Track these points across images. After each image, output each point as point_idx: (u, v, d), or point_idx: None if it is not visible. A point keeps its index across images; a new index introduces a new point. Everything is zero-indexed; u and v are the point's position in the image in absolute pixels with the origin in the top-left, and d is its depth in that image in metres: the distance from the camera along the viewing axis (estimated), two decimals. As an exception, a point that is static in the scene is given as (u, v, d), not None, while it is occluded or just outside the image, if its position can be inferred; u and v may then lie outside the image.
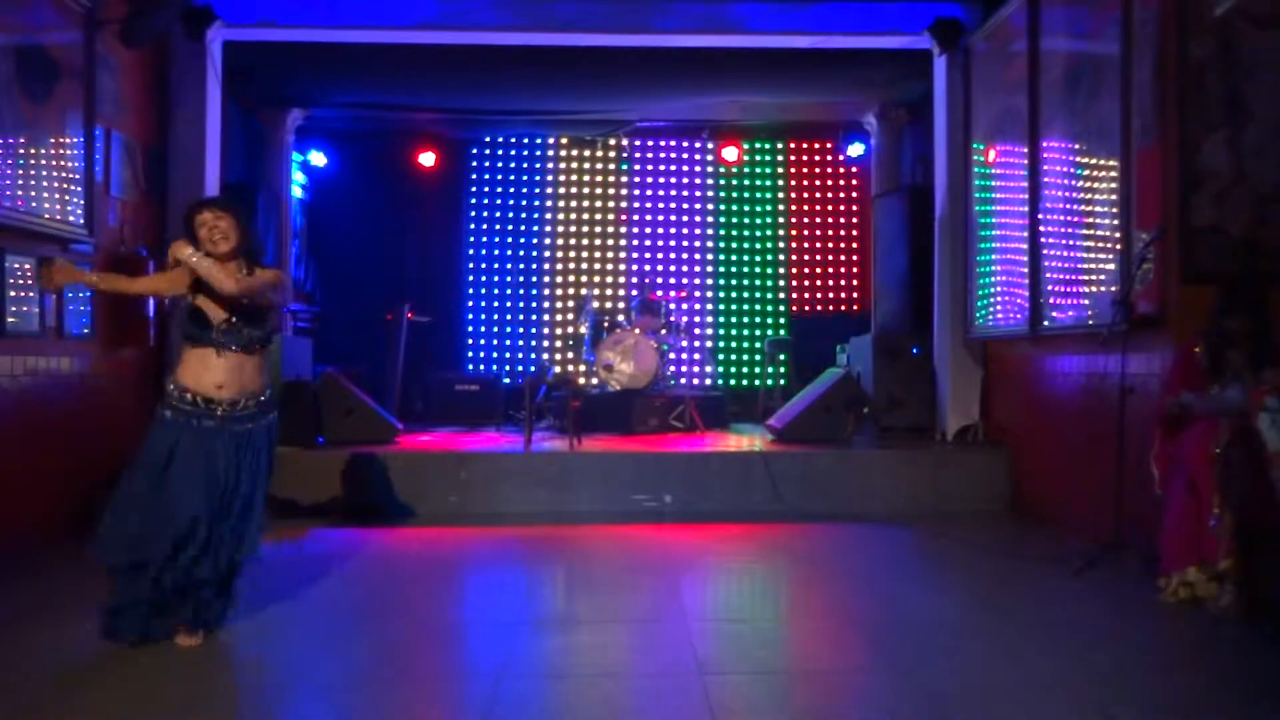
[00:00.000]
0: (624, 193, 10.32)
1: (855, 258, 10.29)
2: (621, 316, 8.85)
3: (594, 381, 8.37)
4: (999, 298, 6.50)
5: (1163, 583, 4.04)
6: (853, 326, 9.01)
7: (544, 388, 7.99)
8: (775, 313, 10.35)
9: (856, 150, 9.81)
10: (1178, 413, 4.11)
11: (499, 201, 10.27)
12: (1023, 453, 6.26)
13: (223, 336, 3.50)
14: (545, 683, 3.19)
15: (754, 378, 10.14)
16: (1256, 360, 3.91)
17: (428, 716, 2.97)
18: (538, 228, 10.27)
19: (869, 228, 9.44)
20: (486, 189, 10.27)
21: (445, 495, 6.21)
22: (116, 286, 3.87)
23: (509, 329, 10.25)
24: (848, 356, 8.32)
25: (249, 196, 7.62)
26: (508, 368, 10.15)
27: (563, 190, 10.31)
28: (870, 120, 9.39)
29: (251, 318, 3.55)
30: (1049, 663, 3.28)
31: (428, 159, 9.90)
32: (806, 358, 9.22)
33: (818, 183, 10.40)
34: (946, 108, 7.18)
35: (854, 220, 10.33)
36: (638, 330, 8.16)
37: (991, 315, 6.62)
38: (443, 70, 7.90)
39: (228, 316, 3.51)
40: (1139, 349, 4.75)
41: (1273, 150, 4.45)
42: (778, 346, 9.60)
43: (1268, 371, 3.79)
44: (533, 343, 10.24)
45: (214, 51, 6.85)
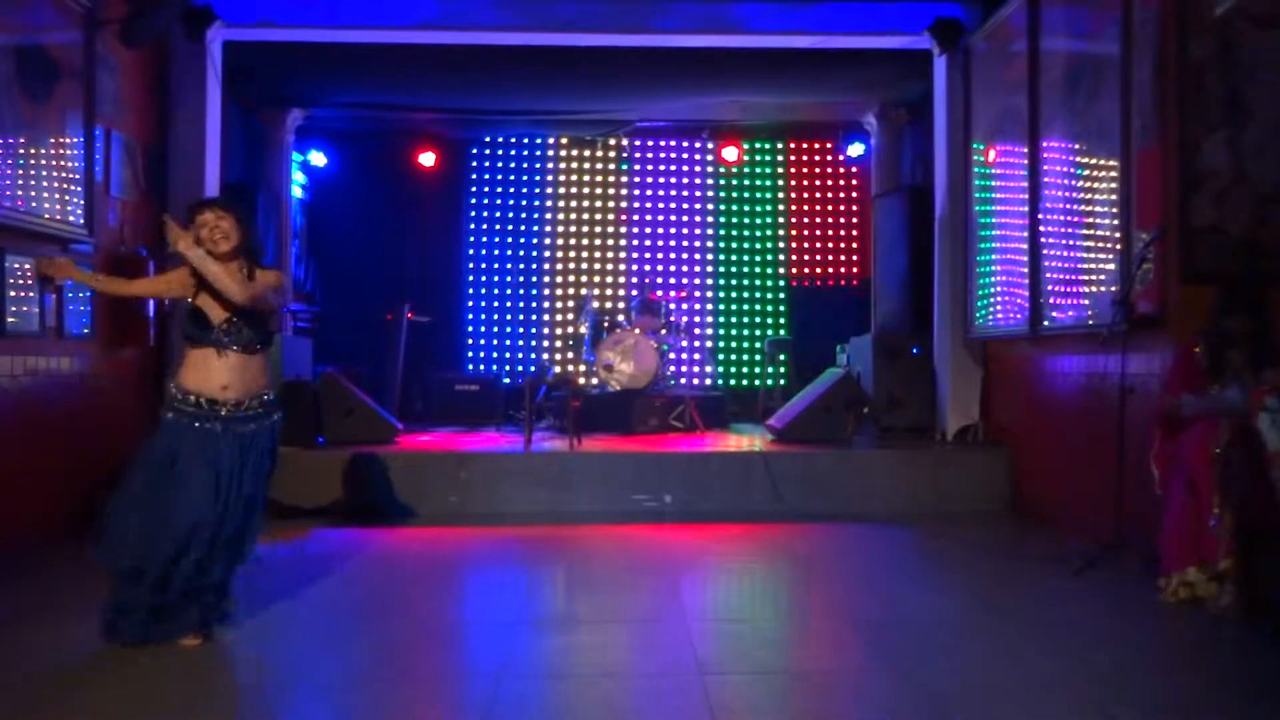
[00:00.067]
0: (624, 193, 10.31)
1: (855, 258, 10.29)
2: (621, 316, 8.85)
3: (594, 381, 8.37)
4: (999, 298, 6.50)
5: (1163, 583, 4.04)
6: (852, 326, 9.02)
7: (544, 388, 7.99)
8: (775, 313, 10.36)
9: (856, 150, 9.81)
10: (1175, 413, 4.11)
11: (499, 201, 10.26)
12: (1023, 453, 6.26)
13: (224, 336, 3.48)
14: (545, 683, 3.19)
15: (754, 378, 10.13)
16: (1256, 360, 3.91)
17: (428, 716, 2.97)
18: (538, 228, 10.27)
19: (869, 228, 9.44)
20: (486, 189, 10.27)
21: (445, 495, 6.21)
22: (114, 288, 3.88)
23: (509, 329, 10.25)
24: (848, 356, 8.32)
25: (249, 196, 7.62)
26: (508, 368, 10.15)
27: (563, 190, 10.30)
28: (870, 120, 9.38)
29: (252, 318, 3.54)
30: (1049, 663, 3.28)
31: (428, 159, 9.90)
32: (806, 358, 9.23)
33: (818, 183, 10.39)
34: (946, 108, 7.18)
35: (854, 220, 10.33)
36: (638, 330, 8.16)
37: (991, 315, 6.62)
38: (443, 70, 7.90)
39: (228, 316, 3.50)
40: (1139, 349, 4.75)
41: (1273, 150, 4.45)
42: (778, 346, 9.60)
43: (1268, 371, 3.79)
44: (533, 343, 10.24)
45: (214, 51, 6.85)
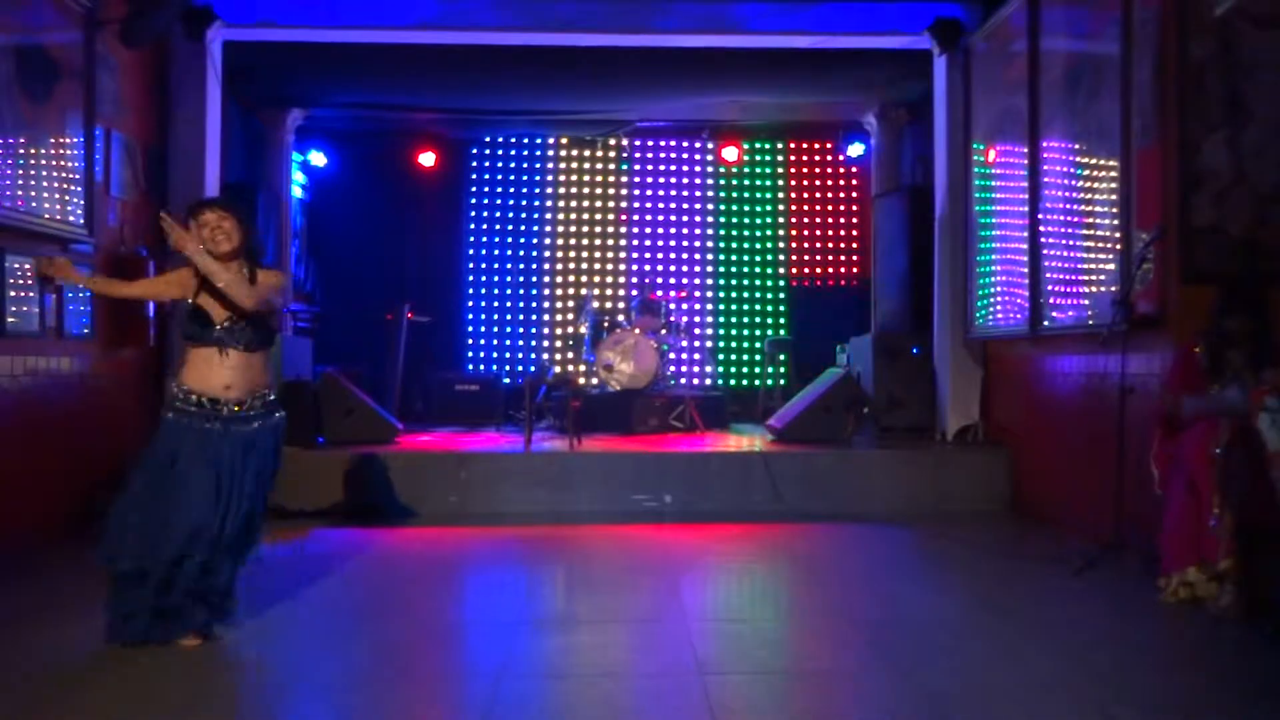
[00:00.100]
0: (624, 193, 10.31)
1: (855, 258, 10.29)
2: (621, 316, 8.85)
3: (594, 381, 8.37)
4: (999, 298, 6.50)
5: (1163, 583, 4.04)
6: (852, 326, 9.02)
7: (544, 388, 7.99)
8: (775, 313, 10.36)
9: (856, 150, 9.81)
10: (1175, 411, 4.11)
11: (499, 201, 10.26)
12: (1023, 453, 6.26)
13: (226, 335, 3.48)
14: (545, 683, 3.19)
15: (754, 378, 10.13)
16: (1256, 360, 3.91)
17: (428, 716, 2.97)
18: (538, 228, 10.27)
19: (869, 228, 9.44)
20: (486, 189, 10.27)
21: (445, 495, 6.21)
22: (112, 290, 3.88)
23: (509, 329, 10.25)
24: (848, 356, 8.32)
25: (249, 196, 7.62)
26: (508, 368, 10.14)
27: (563, 190, 10.30)
28: (870, 120, 9.38)
29: (254, 317, 3.53)
30: (1049, 663, 3.28)
31: (428, 159, 9.90)
32: (806, 358, 9.23)
33: (818, 183, 10.39)
34: (946, 108, 7.18)
35: (854, 220, 10.33)
36: (638, 330, 8.16)
37: (991, 315, 6.62)
38: (443, 70, 7.90)
39: (230, 315, 3.49)
40: (1139, 349, 4.75)
41: (1273, 150, 4.45)
42: (778, 346, 9.60)
43: (1268, 371, 3.80)
44: (533, 343, 10.24)
45: (214, 51, 6.85)
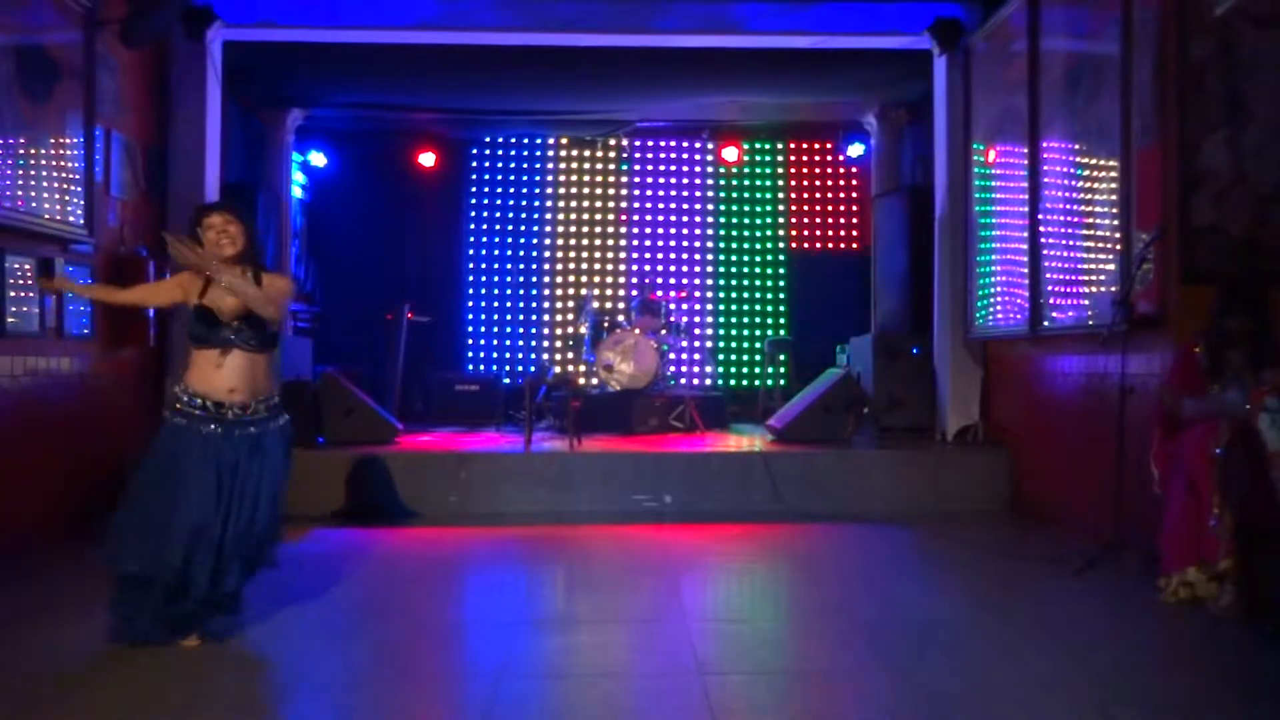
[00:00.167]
0: (624, 193, 10.31)
1: (856, 258, 10.26)
2: (621, 316, 8.85)
3: (594, 381, 8.37)
4: (999, 298, 6.50)
5: (1163, 583, 4.04)
6: (852, 326, 9.02)
7: (544, 388, 7.99)
8: (775, 313, 10.36)
9: (856, 150, 9.81)
10: (1174, 409, 4.11)
11: (499, 201, 10.26)
12: (1023, 453, 6.26)
13: (235, 336, 3.48)
14: (545, 683, 3.19)
15: (754, 378, 10.13)
16: (1256, 360, 3.91)
17: (428, 716, 2.97)
18: (538, 228, 10.27)
19: (869, 228, 9.44)
20: (486, 189, 10.27)
21: (445, 495, 6.21)
22: (111, 298, 3.88)
23: (509, 329, 10.25)
24: (848, 356, 8.33)
25: (249, 197, 7.62)
26: (508, 368, 10.15)
27: (563, 190, 10.30)
28: (870, 120, 9.38)
29: (259, 319, 3.52)
30: (1049, 663, 3.28)
31: (428, 159, 9.90)
32: (806, 358, 9.23)
33: (818, 183, 10.39)
34: (946, 108, 7.18)
35: (854, 220, 10.33)
36: (638, 330, 8.16)
37: (991, 315, 6.62)
38: (443, 70, 7.90)
39: (237, 317, 3.49)
40: (1139, 349, 4.75)
41: (1273, 150, 4.45)
42: (778, 346, 9.60)
43: (1268, 371, 3.80)
44: (533, 343, 10.24)
45: (214, 51, 6.85)
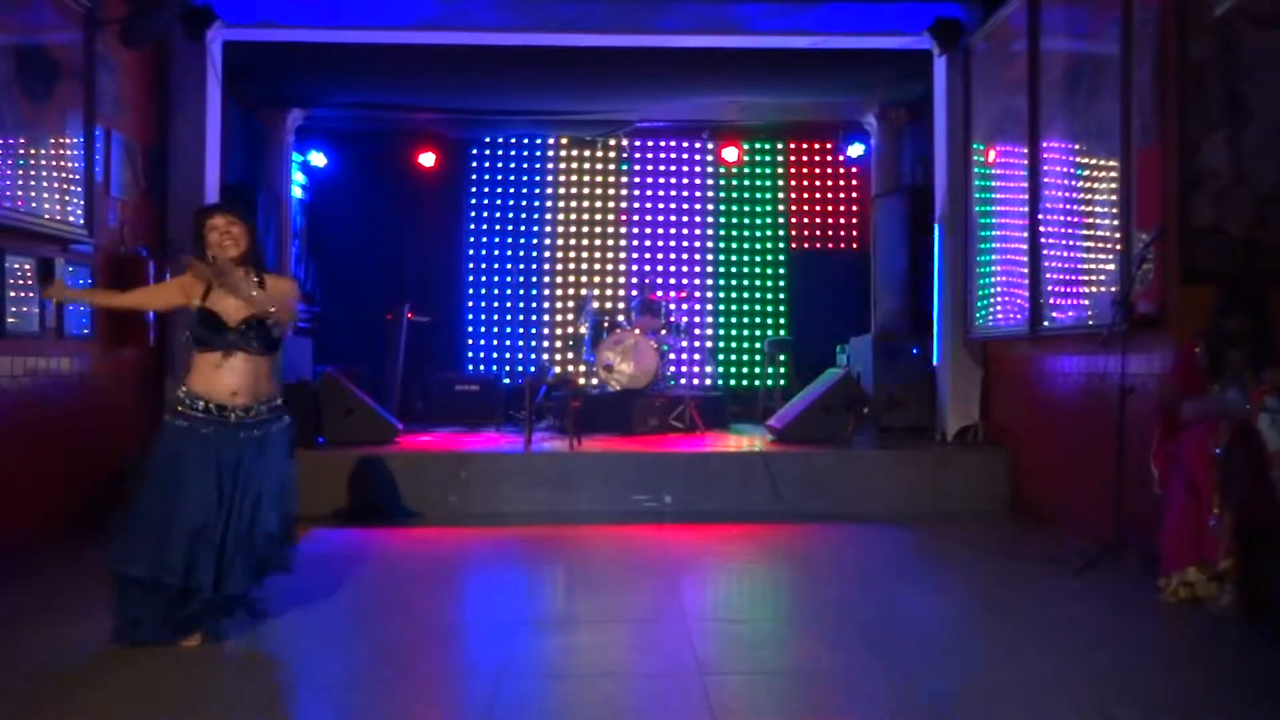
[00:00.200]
0: (624, 193, 10.31)
1: (856, 258, 10.26)
2: (621, 316, 8.85)
3: (594, 381, 8.37)
4: (999, 298, 6.50)
5: (1163, 583, 4.04)
6: (852, 326, 9.01)
7: (544, 388, 7.99)
8: (775, 313, 10.36)
9: (856, 150, 9.81)
10: (1174, 408, 4.11)
11: (499, 201, 10.27)
12: (1023, 453, 6.26)
13: (240, 338, 3.47)
14: (545, 683, 3.19)
15: (754, 378, 10.13)
16: (1256, 360, 3.91)
17: (428, 716, 2.97)
18: (538, 228, 10.27)
19: (869, 228, 9.43)
20: (486, 189, 10.27)
21: (445, 495, 6.21)
22: (111, 302, 3.88)
23: (509, 329, 10.25)
24: (848, 356, 8.33)
25: (249, 197, 7.62)
26: (508, 368, 10.15)
27: (563, 190, 10.30)
28: (870, 120, 9.38)
29: (261, 321, 3.52)
30: (1049, 663, 3.28)
31: (428, 159, 9.90)
32: (806, 358, 9.22)
33: (818, 183, 10.39)
34: (946, 108, 7.17)
35: (854, 220, 10.33)
36: (638, 330, 8.15)
37: (991, 315, 6.61)
38: (443, 70, 7.90)
39: (244, 318, 3.48)
40: (1139, 349, 4.74)
41: (1273, 150, 4.45)
42: (778, 346, 9.60)
43: (1268, 371, 3.80)
44: (533, 343, 10.24)
45: (214, 51, 6.84)
